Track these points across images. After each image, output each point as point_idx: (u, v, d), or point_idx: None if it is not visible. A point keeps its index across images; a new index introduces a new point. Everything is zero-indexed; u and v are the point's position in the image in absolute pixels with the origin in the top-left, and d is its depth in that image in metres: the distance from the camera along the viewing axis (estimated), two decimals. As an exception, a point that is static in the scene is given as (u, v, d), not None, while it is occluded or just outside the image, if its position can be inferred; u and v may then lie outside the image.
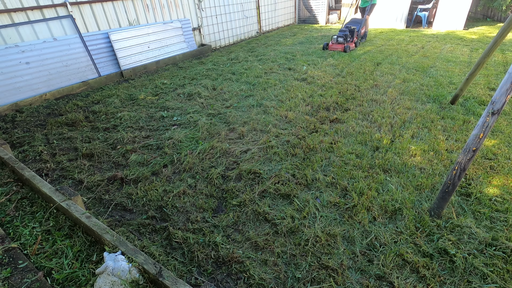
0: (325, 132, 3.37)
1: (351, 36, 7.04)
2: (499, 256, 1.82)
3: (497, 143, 3.02)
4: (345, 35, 6.81)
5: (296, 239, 2.00)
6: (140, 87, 5.10)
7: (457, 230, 2.01)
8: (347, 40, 6.85)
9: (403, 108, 3.86)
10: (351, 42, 7.00)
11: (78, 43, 5.00)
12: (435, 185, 2.45)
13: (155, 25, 6.18)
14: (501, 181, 2.47)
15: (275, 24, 10.66)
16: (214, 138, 3.32)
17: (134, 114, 4.01)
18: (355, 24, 7.42)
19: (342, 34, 6.82)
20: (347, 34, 6.83)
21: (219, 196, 2.48)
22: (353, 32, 7.02)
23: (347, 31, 6.91)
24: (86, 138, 3.45)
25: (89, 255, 1.85)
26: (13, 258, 1.77)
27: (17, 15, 4.31)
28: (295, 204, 2.31)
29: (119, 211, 2.35)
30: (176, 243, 2.02)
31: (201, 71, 5.86)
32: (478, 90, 4.31)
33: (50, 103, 4.53)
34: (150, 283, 1.59)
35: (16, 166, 2.58)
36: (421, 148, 2.96)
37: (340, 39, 6.77)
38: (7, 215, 2.21)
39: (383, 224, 2.11)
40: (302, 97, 4.32)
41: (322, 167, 2.77)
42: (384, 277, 1.74)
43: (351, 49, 6.96)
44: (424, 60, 5.95)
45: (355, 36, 7.16)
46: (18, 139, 3.46)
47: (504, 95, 1.70)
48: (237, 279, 1.76)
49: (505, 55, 6.11)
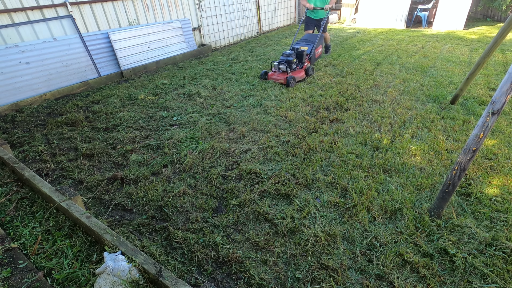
0: (325, 132, 3.37)
1: (299, 61, 4.99)
2: (499, 256, 1.82)
3: (497, 143, 3.02)
4: (288, 62, 4.71)
5: (296, 239, 2.00)
6: (140, 87, 5.10)
7: (457, 230, 2.01)
8: (292, 67, 4.78)
9: (403, 108, 3.86)
10: (299, 70, 4.96)
11: (78, 43, 5.00)
12: (435, 185, 2.45)
13: (155, 25, 6.18)
14: (501, 181, 2.47)
15: (275, 24, 10.66)
16: (214, 138, 3.32)
17: (134, 114, 4.01)
18: (306, 43, 5.37)
19: (285, 59, 4.72)
20: (291, 60, 4.71)
21: (219, 196, 2.48)
22: (302, 55, 4.93)
23: (292, 55, 4.75)
24: (86, 138, 3.45)
25: (89, 255, 1.85)
26: (13, 258, 1.77)
27: (17, 15, 4.31)
28: (295, 204, 2.31)
29: (119, 211, 2.35)
30: (176, 243, 2.02)
31: (201, 71, 5.86)
32: (478, 90, 4.31)
33: (50, 103, 4.53)
34: (150, 283, 1.59)
35: (16, 166, 2.58)
36: (421, 148, 2.96)
37: (283, 67, 4.72)
38: (7, 215, 2.21)
39: (383, 224, 2.11)
40: (302, 97, 4.32)
41: (322, 167, 2.77)
42: (384, 277, 1.74)
43: (298, 80, 4.85)
44: (424, 60, 5.95)
45: (306, 60, 5.12)
46: (18, 139, 3.46)
47: (504, 95, 1.70)
48: (237, 279, 1.76)
49: (505, 55, 6.11)
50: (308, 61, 5.21)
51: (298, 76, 4.84)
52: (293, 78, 4.67)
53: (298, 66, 4.96)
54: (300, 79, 4.88)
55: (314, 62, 5.50)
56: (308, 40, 5.43)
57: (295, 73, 4.83)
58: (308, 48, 5.25)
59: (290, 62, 4.72)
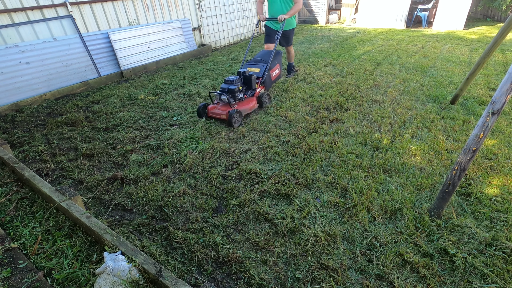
0: (325, 132, 3.37)
1: (247, 89, 3.85)
2: (499, 256, 1.82)
3: (497, 143, 3.02)
4: (230, 91, 3.55)
5: (296, 239, 2.00)
6: (140, 87, 5.10)
7: (457, 230, 2.01)
8: (238, 97, 3.64)
9: (403, 108, 3.86)
10: (248, 100, 3.79)
11: (78, 43, 5.00)
12: (435, 185, 2.45)
13: (155, 25, 6.18)
14: (501, 181, 2.47)
15: (275, 24, 10.65)
16: (214, 138, 3.32)
17: (134, 114, 4.01)
18: (258, 64, 4.15)
19: (226, 88, 3.58)
20: (234, 88, 3.54)
21: (219, 196, 2.48)
22: (251, 80, 3.78)
23: (236, 82, 3.62)
24: (86, 138, 3.45)
25: (89, 255, 1.85)
26: (13, 258, 1.77)
27: (17, 15, 4.31)
28: (295, 204, 2.31)
29: (119, 211, 2.35)
30: (176, 243, 2.01)
31: (201, 71, 5.86)
32: (478, 90, 4.31)
33: (50, 103, 4.53)
34: (150, 283, 1.59)
35: (16, 166, 2.58)
36: (421, 148, 2.96)
37: (224, 98, 3.53)
38: (7, 215, 2.21)
39: (383, 224, 2.11)
40: (302, 97, 4.32)
41: (322, 167, 2.77)
42: (384, 277, 1.74)
43: (247, 113, 3.72)
44: (424, 60, 5.95)
45: (258, 86, 3.96)
46: (18, 139, 3.46)
47: (504, 95, 1.70)
48: (237, 279, 1.76)
49: (505, 55, 6.11)
50: (262, 86, 4.06)
51: (246, 108, 3.66)
52: (237, 112, 3.44)
53: (247, 94, 3.83)
54: (249, 111, 3.74)
55: (270, 87, 4.32)
56: (261, 59, 4.21)
57: (243, 105, 3.67)
58: (261, 69, 4.06)
59: (233, 91, 3.54)
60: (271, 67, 4.16)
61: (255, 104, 3.86)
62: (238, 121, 3.54)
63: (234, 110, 3.45)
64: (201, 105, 3.70)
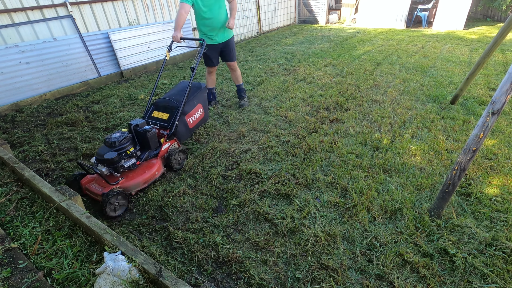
0: (325, 132, 3.37)
1: (142, 148, 2.62)
2: (499, 256, 1.82)
3: (497, 143, 3.02)
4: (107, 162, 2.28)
5: (296, 239, 2.00)
6: (140, 87, 5.10)
7: (457, 230, 2.01)
8: (123, 167, 2.37)
9: (403, 108, 3.86)
10: (146, 165, 2.58)
11: (78, 43, 5.00)
12: (435, 185, 2.45)
13: (155, 25, 6.18)
14: (501, 181, 2.47)
15: (275, 24, 10.66)
16: (214, 138, 3.32)
17: (134, 114, 4.01)
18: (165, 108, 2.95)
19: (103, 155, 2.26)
20: (114, 158, 2.25)
21: (219, 196, 2.48)
22: (147, 138, 2.56)
23: (120, 142, 2.36)
24: (86, 138, 3.45)
25: (89, 255, 1.85)
26: (13, 258, 1.77)
27: (17, 15, 4.31)
28: (295, 204, 2.31)
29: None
30: (176, 243, 2.02)
31: (201, 71, 5.86)
32: (478, 90, 4.31)
33: (50, 103, 4.53)
34: (150, 283, 1.59)
35: (16, 166, 2.58)
36: (421, 148, 2.96)
37: (104, 169, 2.31)
38: (7, 215, 2.21)
39: (383, 224, 2.11)
40: (302, 97, 4.32)
41: (322, 167, 2.77)
42: (384, 277, 1.74)
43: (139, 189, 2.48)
44: (424, 60, 5.94)
45: (164, 141, 2.74)
46: (18, 139, 3.46)
47: (504, 95, 1.70)
48: (237, 279, 1.76)
49: (505, 55, 6.11)
50: (173, 141, 2.86)
51: (137, 182, 2.45)
52: (118, 194, 2.21)
53: (144, 156, 2.58)
54: (145, 184, 2.52)
55: (186, 138, 3.13)
56: (171, 99, 2.96)
57: (135, 176, 2.46)
58: (170, 115, 2.87)
59: (113, 162, 2.29)
60: (186, 111, 2.97)
61: (159, 169, 2.63)
62: (120, 207, 2.27)
63: (113, 191, 2.20)
64: (73, 175, 2.44)
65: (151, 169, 2.56)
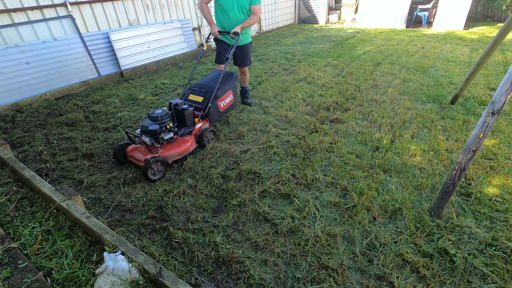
0: (325, 132, 3.37)
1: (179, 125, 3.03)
2: (499, 256, 1.82)
3: (497, 143, 3.02)
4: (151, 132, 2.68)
5: (296, 239, 2.00)
6: (140, 87, 5.10)
7: (457, 230, 2.01)
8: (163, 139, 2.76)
9: (403, 108, 3.86)
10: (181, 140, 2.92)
11: (78, 43, 5.00)
12: (435, 185, 2.45)
13: (155, 25, 6.18)
14: (501, 181, 2.47)
15: (275, 24, 10.66)
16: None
17: (134, 114, 4.01)
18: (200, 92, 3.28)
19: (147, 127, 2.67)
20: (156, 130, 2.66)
21: (219, 196, 2.48)
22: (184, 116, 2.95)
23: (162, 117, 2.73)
24: (86, 138, 3.45)
25: (89, 255, 1.85)
26: (13, 258, 1.77)
27: (17, 15, 4.31)
28: (295, 204, 2.31)
29: (119, 211, 2.35)
30: (176, 243, 2.01)
31: (201, 71, 5.87)
32: (478, 90, 4.31)
33: (50, 103, 4.53)
34: (150, 283, 1.59)
35: (16, 166, 2.58)
36: (421, 148, 2.96)
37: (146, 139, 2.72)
38: (7, 215, 2.21)
39: (383, 224, 2.11)
40: (302, 97, 4.32)
41: (322, 167, 2.77)
42: (384, 277, 1.74)
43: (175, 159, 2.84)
44: (424, 60, 5.95)
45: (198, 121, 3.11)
46: (18, 139, 3.46)
47: (504, 95, 1.70)
48: (237, 279, 1.76)
49: (505, 55, 6.11)
50: (205, 121, 3.21)
51: (174, 153, 2.79)
52: (157, 161, 2.59)
53: (180, 132, 2.94)
54: (180, 156, 2.85)
55: (217, 120, 3.43)
56: (206, 85, 3.28)
57: (171, 148, 2.81)
58: (204, 98, 3.19)
59: (155, 133, 2.67)
60: (218, 96, 3.27)
61: (192, 144, 2.96)
62: (159, 172, 2.65)
63: (154, 158, 2.57)
64: (120, 145, 2.81)
65: (186, 143, 2.92)
